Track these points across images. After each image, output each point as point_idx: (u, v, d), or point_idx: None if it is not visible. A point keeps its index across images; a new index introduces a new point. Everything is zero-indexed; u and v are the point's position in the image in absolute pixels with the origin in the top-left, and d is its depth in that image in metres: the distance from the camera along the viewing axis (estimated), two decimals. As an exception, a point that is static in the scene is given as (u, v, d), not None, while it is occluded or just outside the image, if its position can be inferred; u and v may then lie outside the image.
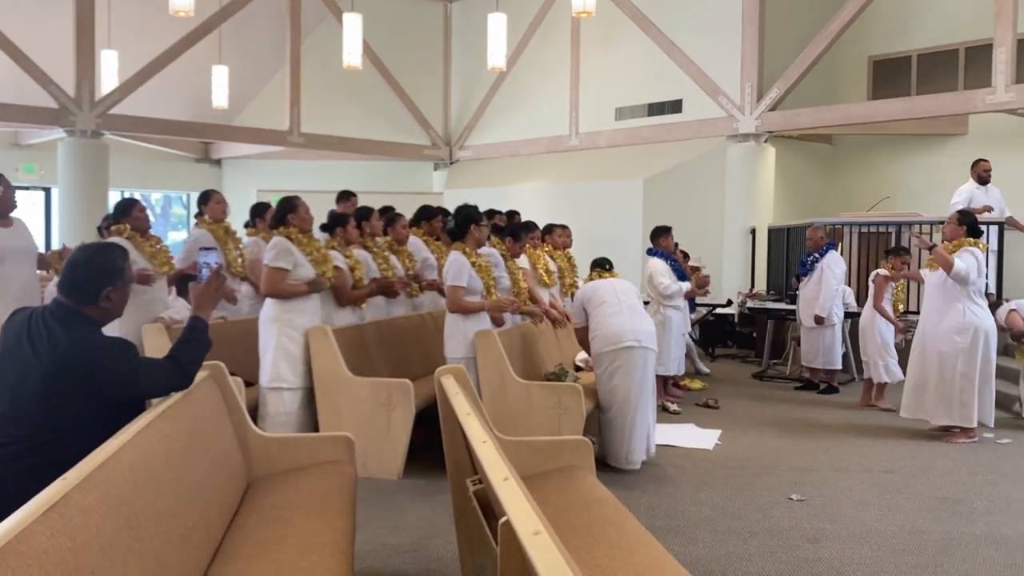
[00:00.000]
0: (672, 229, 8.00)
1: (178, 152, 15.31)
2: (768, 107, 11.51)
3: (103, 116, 11.87)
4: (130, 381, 2.79)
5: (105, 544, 1.89)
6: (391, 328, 6.24)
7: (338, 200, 7.44)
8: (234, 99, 13.14)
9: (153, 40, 12.14)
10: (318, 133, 13.84)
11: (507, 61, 11.39)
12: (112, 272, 2.91)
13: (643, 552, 2.74)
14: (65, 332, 2.76)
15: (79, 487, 1.91)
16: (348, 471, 3.60)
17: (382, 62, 14.67)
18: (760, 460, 5.87)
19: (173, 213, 17.20)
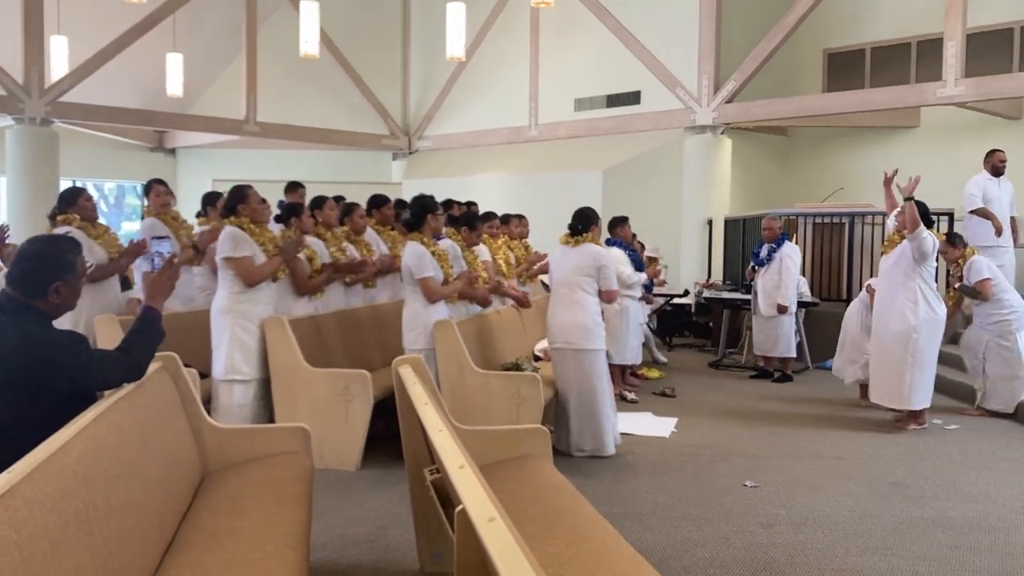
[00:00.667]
0: (629, 219, 8.05)
1: (132, 141, 15.05)
2: (725, 99, 11.62)
3: (53, 104, 11.63)
4: (81, 375, 2.75)
5: (54, 537, 1.86)
6: (349, 319, 6.21)
7: (286, 191, 7.36)
8: (189, 87, 12.95)
9: (106, 26, 11.91)
10: (275, 122, 13.69)
11: (466, 51, 11.36)
12: (62, 266, 2.86)
13: (598, 539, 2.77)
14: (14, 326, 2.71)
15: (27, 479, 1.88)
16: (304, 462, 3.58)
17: (340, 51, 14.54)
18: (715, 447, 5.95)
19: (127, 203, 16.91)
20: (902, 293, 6.37)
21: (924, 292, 6.33)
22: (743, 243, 10.88)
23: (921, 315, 6.29)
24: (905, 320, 6.33)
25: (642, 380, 8.33)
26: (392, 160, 15.97)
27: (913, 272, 6.32)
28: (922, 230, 6.20)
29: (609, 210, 9.75)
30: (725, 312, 9.96)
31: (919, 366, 6.35)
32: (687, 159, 12.09)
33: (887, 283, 6.53)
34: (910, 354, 6.33)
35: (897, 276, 6.41)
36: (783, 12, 11.21)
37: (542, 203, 11.47)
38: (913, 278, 6.33)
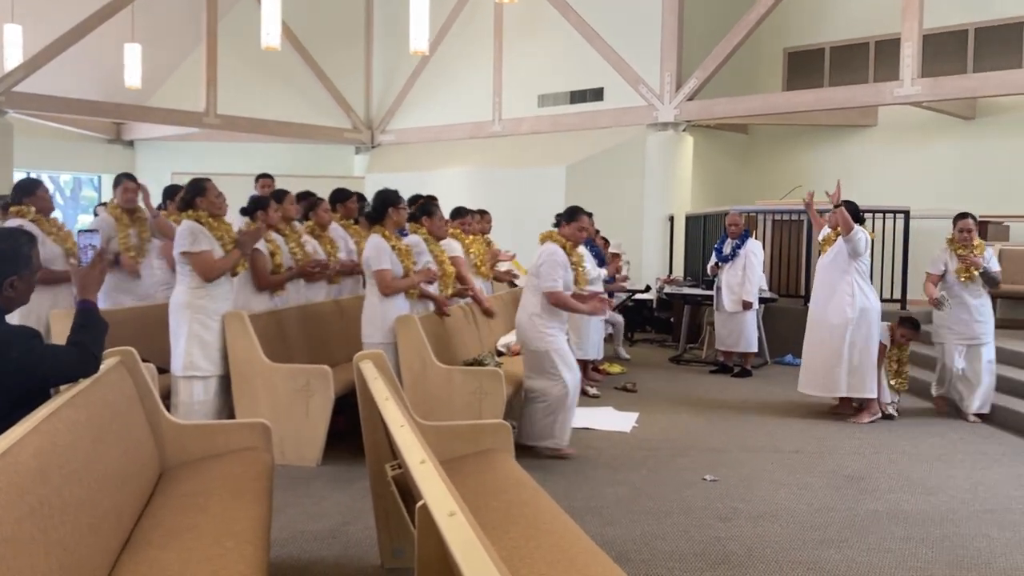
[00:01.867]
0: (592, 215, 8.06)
1: (89, 133, 14.80)
2: (687, 96, 11.71)
3: (7, 94, 11.40)
4: (33, 368, 2.70)
5: (7, 534, 1.83)
6: (311, 314, 6.17)
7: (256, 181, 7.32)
8: (148, 79, 12.77)
9: (61, 15, 11.69)
10: (236, 115, 13.54)
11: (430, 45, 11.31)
12: (16, 260, 2.80)
13: (559, 532, 2.79)
14: None
15: (-21, 476, 1.86)
16: (264, 458, 3.55)
17: (302, 43, 14.42)
18: (675, 442, 6.01)
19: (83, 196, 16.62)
20: (840, 288, 6.67)
21: (860, 285, 6.65)
22: (704, 239, 10.97)
23: (858, 307, 6.60)
24: (843, 313, 6.62)
25: (604, 375, 8.37)
26: (355, 154, 15.88)
27: (849, 267, 6.65)
28: (857, 230, 6.57)
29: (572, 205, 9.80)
30: (686, 308, 10.05)
31: (861, 355, 6.61)
32: (649, 156, 12.17)
33: (825, 279, 6.83)
34: (848, 345, 6.61)
35: (834, 273, 6.76)
36: (744, 11, 11.32)
37: (505, 198, 11.50)
38: (849, 272, 6.66)
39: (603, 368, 8.51)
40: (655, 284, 11.17)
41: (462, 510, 1.82)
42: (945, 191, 11.50)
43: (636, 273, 11.32)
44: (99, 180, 16.00)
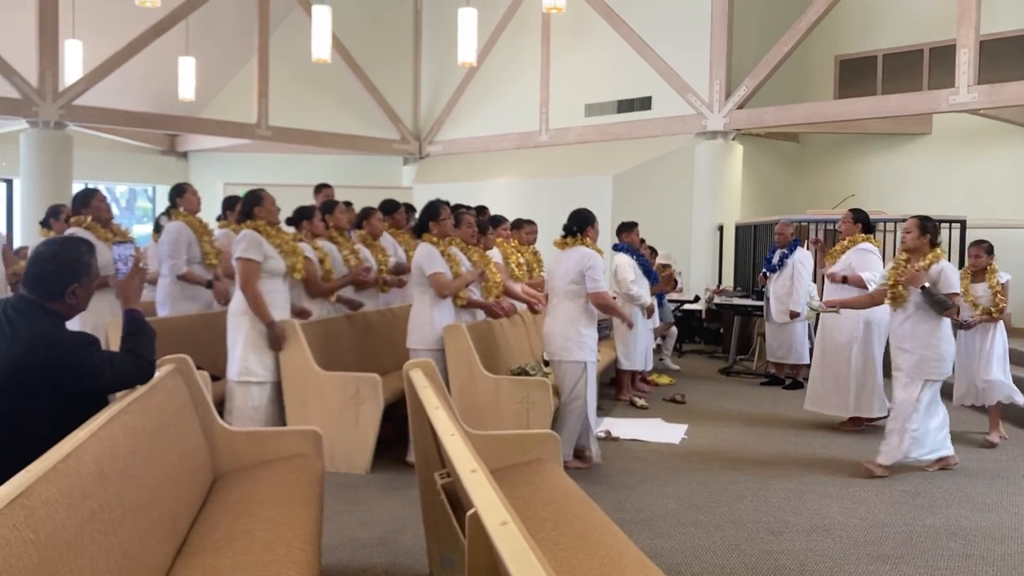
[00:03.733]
0: (638, 224, 8.04)
1: (144, 144, 15.12)
2: (736, 105, 11.61)
3: (67, 107, 11.69)
4: (92, 375, 2.76)
5: (70, 537, 1.87)
6: (360, 322, 6.23)
7: (315, 192, 7.46)
8: (201, 91, 13.01)
9: (119, 30, 11.97)
10: (286, 126, 13.73)
11: (477, 56, 11.38)
12: (78, 269, 2.88)
13: (609, 544, 2.77)
14: (27, 327, 2.72)
15: (43, 479, 1.90)
16: (315, 465, 3.59)
17: (351, 55, 14.59)
18: (725, 454, 5.93)
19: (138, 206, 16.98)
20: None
21: None
22: (754, 249, 10.86)
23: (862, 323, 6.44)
24: (849, 330, 6.50)
25: (652, 386, 8.31)
26: (403, 165, 16.00)
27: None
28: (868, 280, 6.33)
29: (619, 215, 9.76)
30: (736, 318, 9.94)
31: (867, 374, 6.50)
32: (698, 165, 12.08)
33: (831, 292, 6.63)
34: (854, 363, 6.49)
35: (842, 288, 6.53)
36: (795, 18, 11.19)
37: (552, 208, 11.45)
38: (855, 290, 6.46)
39: (651, 379, 8.45)
40: (704, 294, 11.06)
41: (514, 520, 1.82)
42: (1003, 201, 11.23)
43: (685, 283, 11.23)
44: (153, 191, 16.34)
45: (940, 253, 5.43)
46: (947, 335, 5.39)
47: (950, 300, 5.23)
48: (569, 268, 5.43)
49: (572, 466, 5.32)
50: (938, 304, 5.21)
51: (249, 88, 13.60)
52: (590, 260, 5.41)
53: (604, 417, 6.89)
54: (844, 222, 6.69)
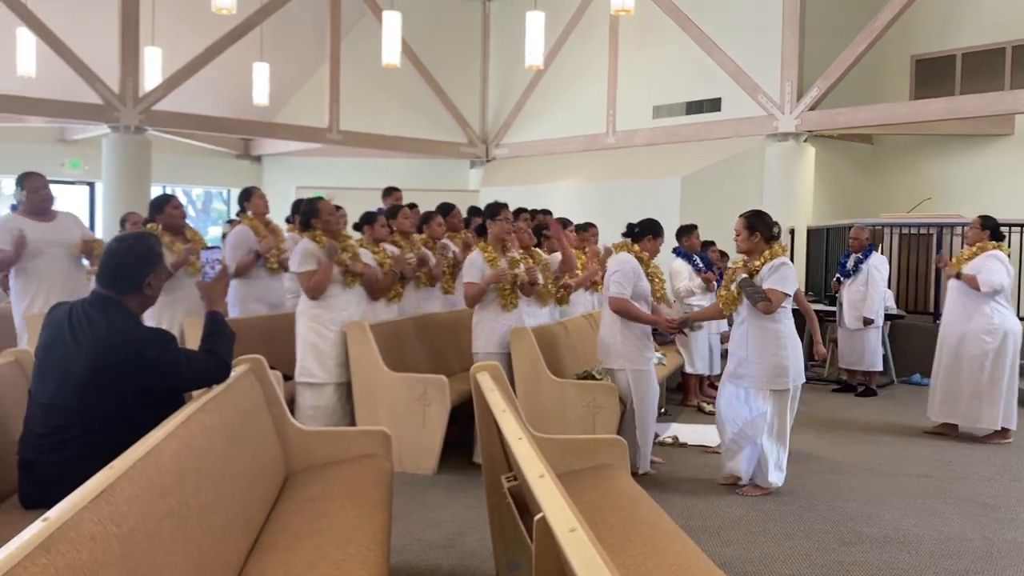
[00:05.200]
0: (697, 228, 7.93)
1: (219, 148, 15.51)
2: (808, 106, 11.40)
3: (146, 112, 12.05)
4: (170, 371, 2.84)
5: (150, 532, 1.93)
6: (427, 324, 6.29)
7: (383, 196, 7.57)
8: (274, 96, 13.28)
9: (196, 37, 12.31)
10: (356, 130, 13.93)
11: (544, 59, 11.39)
12: (152, 259, 2.98)
13: (677, 551, 2.74)
14: (106, 323, 2.81)
15: (125, 476, 1.96)
16: (384, 465, 3.63)
17: (420, 60, 14.73)
18: (796, 462, 5.81)
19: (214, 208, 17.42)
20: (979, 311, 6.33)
21: (998, 309, 6.32)
22: (826, 253, 10.65)
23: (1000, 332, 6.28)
24: (982, 341, 6.30)
25: (720, 391, 8.19)
26: (470, 168, 16.10)
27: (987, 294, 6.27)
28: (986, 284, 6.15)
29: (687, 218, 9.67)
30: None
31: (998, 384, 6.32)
32: (768, 167, 11.89)
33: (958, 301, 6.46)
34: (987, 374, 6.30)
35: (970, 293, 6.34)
36: (869, 17, 10.94)
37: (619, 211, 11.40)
38: (985, 299, 6.29)
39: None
40: (773, 299, 10.87)
41: (582, 526, 1.82)
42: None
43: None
44: (228, 194, 16.74)
45: (779, 250, 5.00)
46: (788, 344, 4.93)
47: (763, 294, 4.81)
48: (608, 274, 5.41)
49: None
50: (751, 296, 4.85)
51: (321, 93, 13.84)
52: (618, 264, 5.34)
53: (671, 423, 6.82)
54: (972, 229, 6.53)
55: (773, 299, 4.81)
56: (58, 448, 2.75)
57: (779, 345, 4.89)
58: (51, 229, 5.35)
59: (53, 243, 5.35)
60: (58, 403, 2.76)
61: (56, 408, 2.76)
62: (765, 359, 4.88)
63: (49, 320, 2.93)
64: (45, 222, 5.33)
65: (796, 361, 4.95)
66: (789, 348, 4.91)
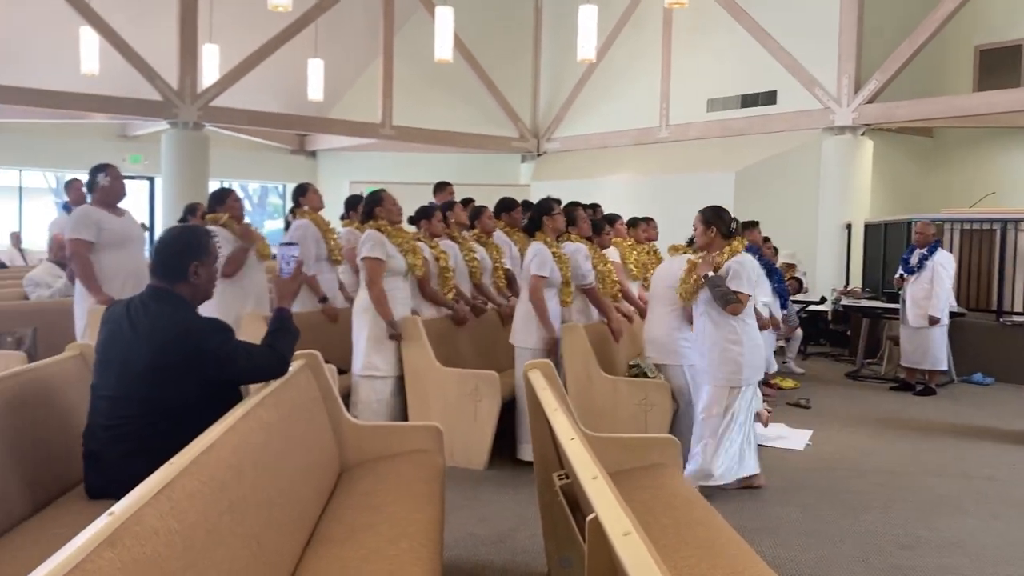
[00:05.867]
0: (759, 223, 7.84)
1: (275, 144, 15.75)
2: (866, 99, 11.18)
3: (204, 109, 12.28)
4: (228, 362, 2.87)
5: (210, 527, 1.97)
6: (478, 320, 6.31)
7: (435, 191, 7.58)
8: (329, 92, 13.44)
9: (252, 34, 12.51)
10: (409, 125, 14.03)
11: (597, 53, 11.33)
12: (198, 248, 3.02)
13: (732, 554, 2.72)
14: (164, 314, 2.86)
15: (186, 471, 2.00)
16: (437, 461, 3.65)
17: (472, 54, 14.76)
18: (852, 462, 5.73)
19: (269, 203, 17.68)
20: None
21: None
22: (884, 249, 10.44)
23: None
24: None
25: (775, 390, 8.10)
26: (521, 162, 16.10)
27: None
28: None
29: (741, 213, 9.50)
30: (864, 321, 9.57)
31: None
32: (825, 161, 11.70)
33: None
34: None
35: None
36: (931, 7, 10.69)
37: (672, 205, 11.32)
38: None
39: (775, 383, 8.23)
40: (830, 295, 10.70)
41: (636, 530, 1.81)
42: None
43: (810, 284, 10.89)
44: (284, 188, 16.98)
45: (738, 246, 4.84)
46: (748, 340, 4.76)
47: (732, 294, 4.64)
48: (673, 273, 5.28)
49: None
50: (720, 297, 4.66)
51: (374, 88, 13.96)
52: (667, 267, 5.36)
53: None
54: None
55: (743, 301, 4.68)
56: (121, 440, 2.81)
57: (733, 340, 4.73)
58: (123, 223, 5.43)
59: (127, 237, 5.42)
60: (121, 395, 2.82)
61: (119, 400, 2.82)
62: (718, 353, 4.75)
63: (107, 316, 2.99)
64: (117, 215, 5.42)
65: (752, 357, 4.77)
66: (745, 344, 4.74)
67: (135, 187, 14.69)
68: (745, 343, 4.75)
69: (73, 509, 2.85)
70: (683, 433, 5.17)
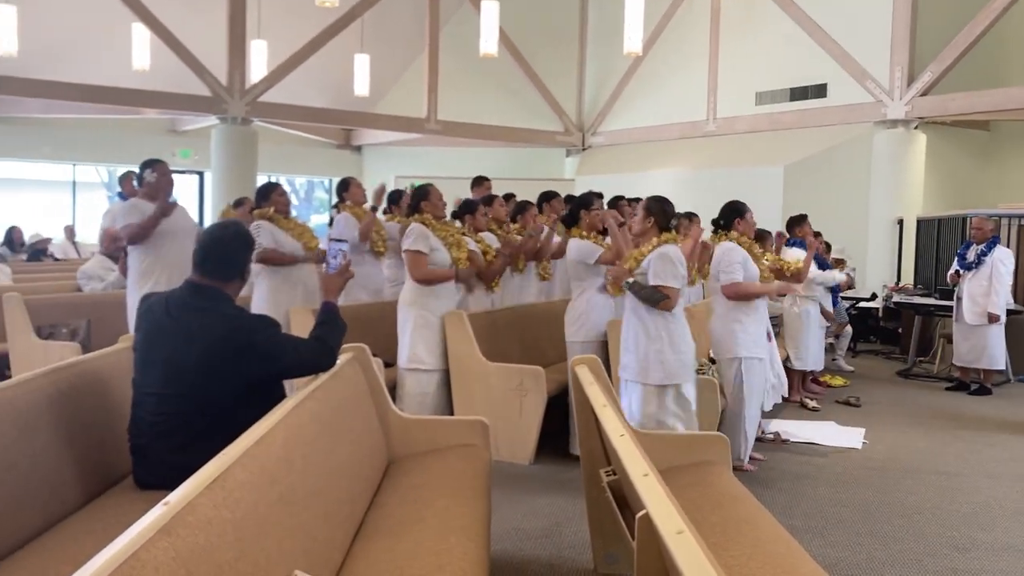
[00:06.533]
0: (808, 217, 7.70)
1: (321, 139, 15.88)
2: (920, 92, 10.95)
3: (252, 104, 12.42)
4: (276, 357, 2.88)
5: (261, 518, 1.98)
6: (523, 314, 6.29)
7: (472, 186, 7.56)
8: (374, 86, 13.50)
9: (299, 30, 12.61)
10: (454, 120, 14.05)
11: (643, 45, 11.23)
12: (251, 245, 3.12)
13: (782, 553, 2.67)
14: (214, 312, 2.87)
15: (238, 462, 2.01)
16: (483, 455, 3.65)
17: (517, 48, 14.74)
18: (904, 462, 5.61)
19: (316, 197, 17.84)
20: None
21: None
22: (938, 245, 10.22)
23: None
24: None
25: (824, 388, 7.97)
26: (565, 157, 16.05)
27: None
28: None
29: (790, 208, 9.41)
30: (916, 318, 9.38)
31: None
32: (876, 155, 11.48)
33: None
34: None
35: None
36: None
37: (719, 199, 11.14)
38: None
39: (824, 380, 8.11)
40: (881, 292, 10.51)
41: (689, 528, 1.78)
42: None
43: (860, 280, 10.70)
44: (330, 183, 17.12)
45: (669, 238, 4.58)
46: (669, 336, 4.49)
47: (658, 293, 4.41)
48: (715, 264, 5.33)
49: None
50: (647, 300, 4.44)
51: (419, 83, 14.00)
52: (727, 254, 5.24)
53: (772, 419, 6.66)
54: None
55: (672, 296, 4.46)
56: (168, 434, 2.83)
57: (654, 338, 4.50)
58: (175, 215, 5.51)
59: (178, 229, 5.50)
60: (168, 392, 2.83)
61: (166, 397, 2.83)
62: (642, 352, 4.53)
63: (143, 312, 3.00)
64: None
65: (675, 355, 4.51)
66: (665, 340, 4.49)
67: (184, 181, 14.92)
68: (665, 340, 4.50)
69: (124, 499, 2.89)
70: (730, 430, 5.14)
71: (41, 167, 15.19)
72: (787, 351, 7.35)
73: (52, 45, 11.79)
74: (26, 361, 5.79)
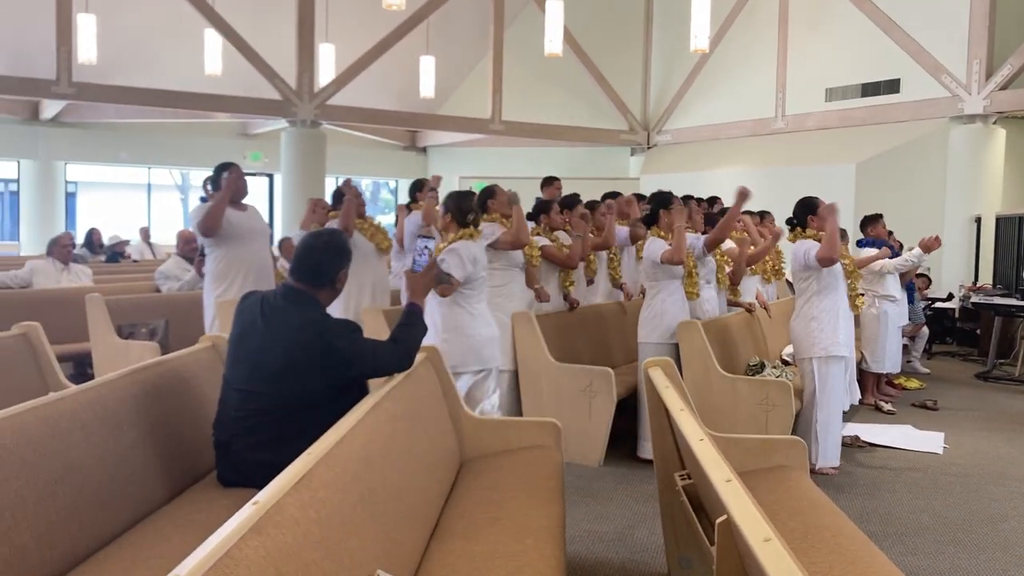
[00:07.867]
0: (882, 216, 7.52)
1: (387, 141, 16.04)
2: (999, 85, 10.61)
3: (321, 107, 12.61)
4: (356, 360, 2.93)
5: (344, 518, 2.00)
6: (592, 315, 6.27)
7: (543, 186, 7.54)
8: (439, 88, 13.61)
9: (367, 33, 12.78)
10: (518, 120, 14.06)
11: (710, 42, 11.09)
12: (345, 255, 3.12)
13: (865, 561, 2.61)
14: (299, 314, 2.93)
15: (322, 462, 2.04)
16: (555, 457, 3.64)
17: (582, 48, 14.69)
18: (986, 468, 5.44)
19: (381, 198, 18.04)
20: None
21: None
22: (1018, 243, 9.88)
23: None
24: None
25: (899, 390, 7.77)
26: (630, 155, 15.95)
27: None
28: None
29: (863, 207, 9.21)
30: (996, 319, 9.08)
31: None
32: (952, 151, 11.15)
33: None
34: None
35: None
36: (1073, -14, 10.06)
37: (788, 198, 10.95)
38: None
39: (899, 382, 7.90)
40: (958, 292, 10.21)
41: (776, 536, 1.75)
42: None
43: (936, 280, 10.41)
44: (396, 184, 17.29)
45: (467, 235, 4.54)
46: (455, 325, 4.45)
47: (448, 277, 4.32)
48: (794, 263, 5.29)
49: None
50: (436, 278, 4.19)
51: (484, 84, 14.05)
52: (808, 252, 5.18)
53: (847, 423, 6.52)
54: None
55: (452, 284, 4.37)
56: (251, 431, 2.90)
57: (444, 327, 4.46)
58: (249, 217, 5.60)
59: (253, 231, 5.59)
60: (253, 389, 2.91)
61: (251, 394, 2.91)
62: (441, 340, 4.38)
63: (241, 309, 3.08)
64: (241, 211, 5.59)
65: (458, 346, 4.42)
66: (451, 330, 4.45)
67: (255, 184, 15.22)
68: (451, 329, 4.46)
69: (206, 496, 2.95)
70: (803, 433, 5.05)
71: (118, 170, 15.65)
72: (862, 352, 7.19)
73: (127, 52, 12.15)
74: (108, 360, 5.96)
